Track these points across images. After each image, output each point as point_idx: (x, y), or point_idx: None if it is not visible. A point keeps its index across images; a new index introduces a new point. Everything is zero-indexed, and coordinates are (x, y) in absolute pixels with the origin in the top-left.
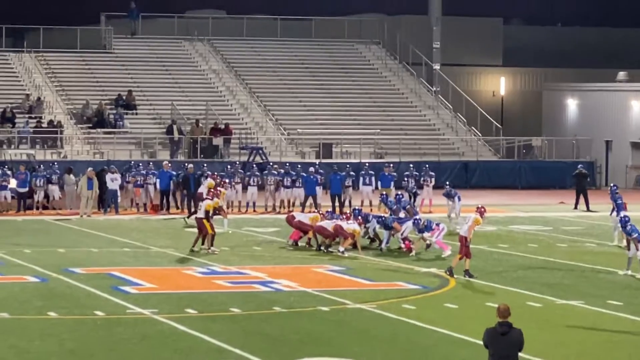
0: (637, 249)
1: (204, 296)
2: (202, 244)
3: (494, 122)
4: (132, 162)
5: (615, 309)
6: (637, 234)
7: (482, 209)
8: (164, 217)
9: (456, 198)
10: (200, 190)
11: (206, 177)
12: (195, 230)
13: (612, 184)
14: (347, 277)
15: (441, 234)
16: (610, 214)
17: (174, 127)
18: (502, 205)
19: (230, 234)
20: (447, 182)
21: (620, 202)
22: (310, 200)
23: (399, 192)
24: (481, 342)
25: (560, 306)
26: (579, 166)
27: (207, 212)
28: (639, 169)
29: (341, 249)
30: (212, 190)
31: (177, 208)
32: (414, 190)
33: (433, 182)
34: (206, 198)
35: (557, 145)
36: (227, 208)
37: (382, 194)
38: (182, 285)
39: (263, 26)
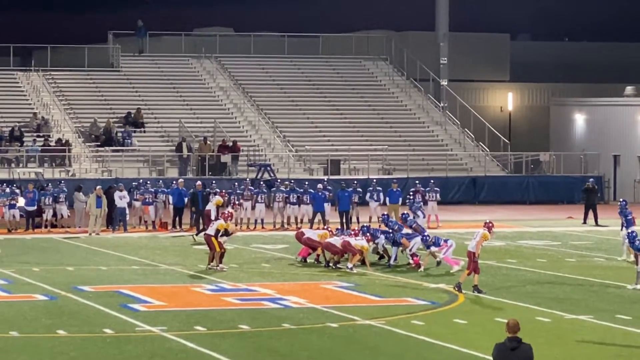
0: None
1: (213, 313)
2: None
3: (502, 137)
4: (141, 180)
5: (624, 324)
6: None
7: (490, 224)
8: (172, 235)
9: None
10: (207, 207)
11: (214, 195)
12: (204, 247)
13: (621, 199)
14: (355, 293)
15: (449, 250)
16: (621, 229)
17: (184, 144)
18: (510, 220)
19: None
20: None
21: (629, 217)
22: (318, 217)
23: (405, 212)
24: (490, 358)
25: (570, 321)
26: (590, 180)
27: (217, 230)
28: None
29: (350, 265)
30: (220, 208)
31: (191, 226)
32: (419, 206)
33: (438, 198)
34: (218, 217)
35: (565, 160)
36: (236, 225)
37: (383, 214)
38: (190, 302)
39: (270, 43)
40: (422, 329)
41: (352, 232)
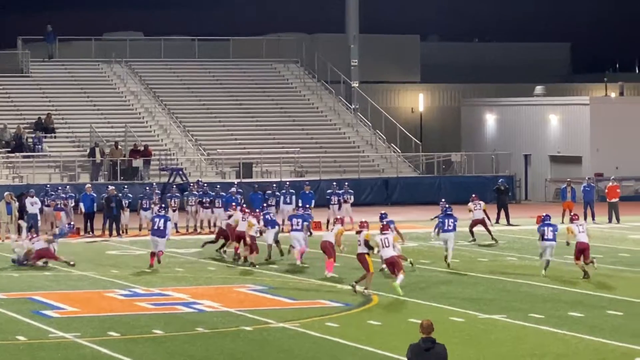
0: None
1: (127, 319)
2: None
3: (413, 138)
4: (48, 186)
5: (537, 322)
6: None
7: (364, 224)
8: (85, 241)
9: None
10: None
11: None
12: (116, 252)
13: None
14: (269, 296)
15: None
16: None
17: (96, 149)
18: (423, 221)
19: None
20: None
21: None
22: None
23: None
24: (405, 359)
25: (483, 320)
26: (500, 181)
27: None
28: (557, 182)
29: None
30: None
31: (103, 231)
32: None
33: (352, 200)
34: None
35: (477, 160)
36: (149, 230)
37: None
38: (104, 308)
39: (180, 47)
40: (336, 331)
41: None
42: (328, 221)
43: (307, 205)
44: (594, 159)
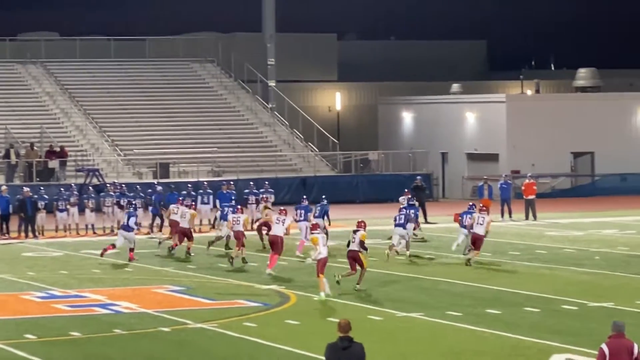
0: None
1: (43, 321)
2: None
3: (331, 137)
4: None
5: (455, 320)
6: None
7: (362, 223)
8: (0, 242)
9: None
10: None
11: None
12: (33, 254)
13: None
14: (187, 297)
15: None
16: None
17: (12, 151)
18: (341, 219)
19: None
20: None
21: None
22: (157, 221)
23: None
24: (323, 358)
25: (401, 319)
26: (418, 178)
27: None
28: (474, 180)
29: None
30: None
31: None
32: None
33: (272, 199)
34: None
35: (394, 159)
36: (65, 231)
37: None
38: (20, 310)
39: (96, 47)
40: (254, 330)
41: None
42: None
43: (324, 197)
44: (510, 156)
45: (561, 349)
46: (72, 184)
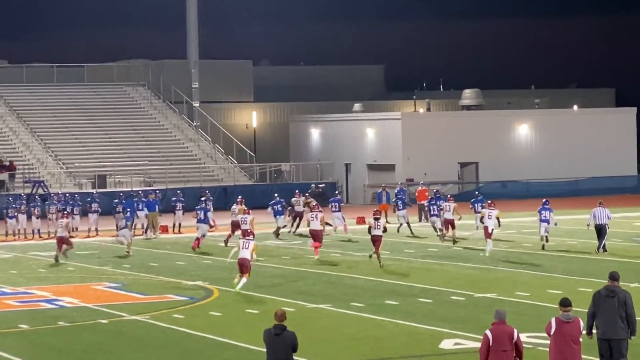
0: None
1: None
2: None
3: (248, 151)
4: None
5: (358, 310)
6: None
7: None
8: None
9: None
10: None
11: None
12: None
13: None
14: (123, 292)
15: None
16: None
17: None
18: (258, 223)
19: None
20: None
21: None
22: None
23: None
24: (243, 344)
25: (311, 309)
26: (312, 186)
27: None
28: (374, 187)
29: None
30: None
31: None
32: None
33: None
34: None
35: (304, 169)
36: (14, 235)
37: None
38: None
39: (41, 73)
40: (182, 321)
41: None
42: (174, 225)
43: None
44: (405, 166)
45: (451, 335)
46: (21, 194)
